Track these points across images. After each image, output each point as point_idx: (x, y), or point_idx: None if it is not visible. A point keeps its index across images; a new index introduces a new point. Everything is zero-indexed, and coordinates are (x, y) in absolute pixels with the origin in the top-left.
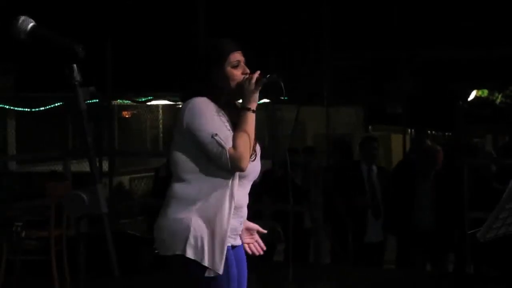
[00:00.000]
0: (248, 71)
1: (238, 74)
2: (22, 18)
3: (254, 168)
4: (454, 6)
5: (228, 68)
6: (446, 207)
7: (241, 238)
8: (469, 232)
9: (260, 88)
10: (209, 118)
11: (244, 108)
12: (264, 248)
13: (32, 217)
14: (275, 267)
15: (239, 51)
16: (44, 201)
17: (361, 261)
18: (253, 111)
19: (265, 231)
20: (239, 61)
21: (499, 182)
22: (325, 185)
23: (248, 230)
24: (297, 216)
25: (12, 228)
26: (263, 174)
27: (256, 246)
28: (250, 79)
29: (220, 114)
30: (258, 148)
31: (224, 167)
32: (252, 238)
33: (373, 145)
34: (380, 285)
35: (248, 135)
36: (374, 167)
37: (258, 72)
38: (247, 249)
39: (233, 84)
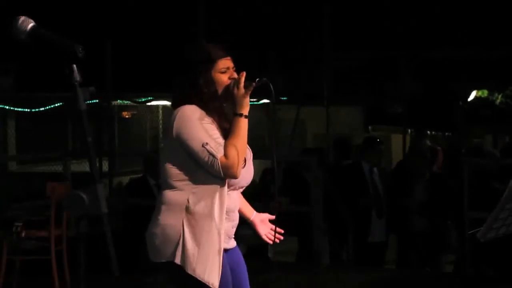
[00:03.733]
0: (235, 76)
1: (225, 79)
2: (22, 18)
3: (245, 173)
4: (454, 7)
5: (216, 74)
6: (440, 208)
7: (261, 237)
8: (469, 232)
9: (250, 92)
10: (199, 127)
11: (237, 114)
12: (282, 231)
13: (32, 217)
14: (283, 268)
15: (228, 58)
16: (44, 201)
17: (363, 261)
18: (246, 117)
19: (273, 217)
20: (228, 68)
21: (499, 182)
22: (325, 185)
23: (263, 221)
24: (303, 215)
25: (12, 228)
26: (263, 172)
27: (272, 233)
28: (238, 83)
29: (209, 121)
30: (249, 153)
31: (217, 175)
32: (267, 228)
33: (380, 147)
34: (380, 285)
35: (241, 141)
36: (375, 168)
37: (243, 73)
38: (266, 239)
39: (220, 89)
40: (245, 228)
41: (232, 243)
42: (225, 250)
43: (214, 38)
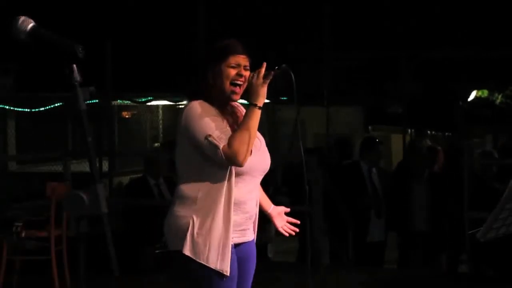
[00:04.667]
0: (246, 74)
1: (232, 73)
2: (22, 18)
3: (256, 163)
4: (454, 7)
5: (224, 67)
6: (440, 208)
7: (276, 232)
8: (469, 232)
9: (269, 81)
10: (203, 120)
11: (251, 104)
12: (298, 222)
13: (32, 217)
14: (286, 267)
15: (244, 56)
16: (44, 201)
17: (362, 261)
18: (259, 108)
19: (289, 209)
20: (239, 65)
21: (499, 182)
22: (325, 185)
23: (279, 214)
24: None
25: (12, 228)
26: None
27: (288, 225)
28: (258, 73)
29: (215, 114)
30: (260, 142)
31: (222, 164)
32: (283, 220)
33: (379, 147)
34: (380, 285)
35: (249, 131)
36: (374, 168)
37: (264, 64)
38: (283, 232)
39: (226, 82)
40: None
41: (249, 236)
42: (239, 244)
43: (214, 38)
